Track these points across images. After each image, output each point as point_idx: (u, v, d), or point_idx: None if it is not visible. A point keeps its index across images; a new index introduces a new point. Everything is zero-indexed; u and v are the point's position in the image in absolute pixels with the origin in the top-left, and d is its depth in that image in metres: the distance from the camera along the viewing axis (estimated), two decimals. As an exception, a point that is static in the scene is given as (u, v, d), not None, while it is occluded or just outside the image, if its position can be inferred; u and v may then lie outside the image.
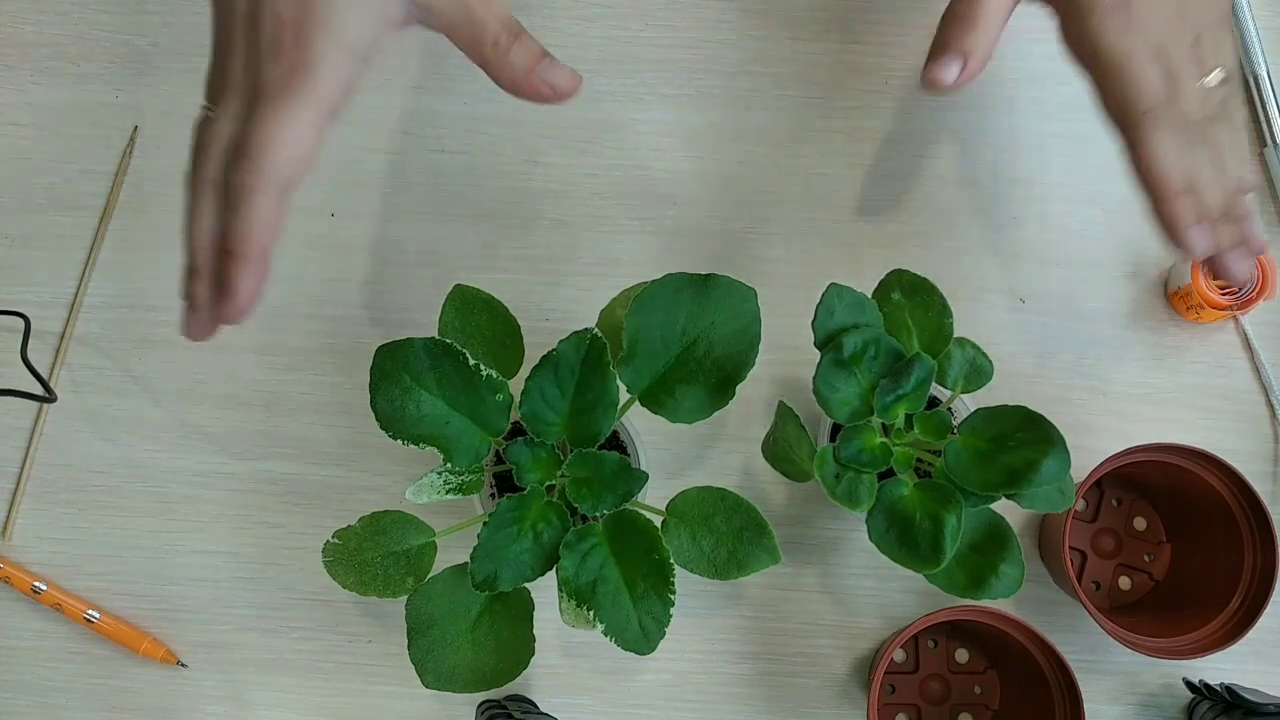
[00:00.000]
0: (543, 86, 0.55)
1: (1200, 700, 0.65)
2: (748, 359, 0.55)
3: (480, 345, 0.58)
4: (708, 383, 0.55)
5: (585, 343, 0.53)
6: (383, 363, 0.54)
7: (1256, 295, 0.66)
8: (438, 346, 0.54)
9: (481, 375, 0.54)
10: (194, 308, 0.54)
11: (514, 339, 0.59)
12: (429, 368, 0.54)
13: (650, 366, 0.55)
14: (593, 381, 0.54)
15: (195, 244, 0.52)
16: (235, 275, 0.51)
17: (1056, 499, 0.55)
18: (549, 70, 0.55)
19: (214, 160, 0.51)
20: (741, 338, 0.55)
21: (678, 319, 0.55)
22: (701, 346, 0.55)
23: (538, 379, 0.54)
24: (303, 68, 0.51)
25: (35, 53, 0.74)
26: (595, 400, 0.54)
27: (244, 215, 0.51)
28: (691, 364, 0.55)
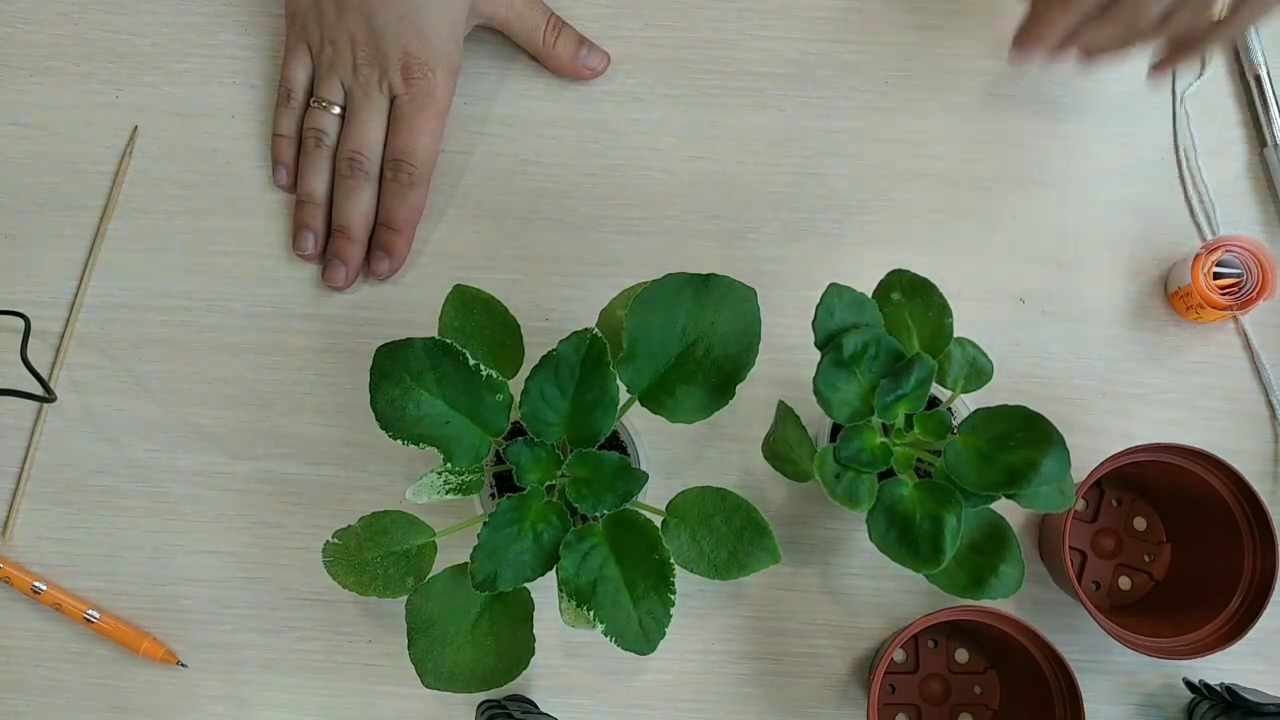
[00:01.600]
0: (584, 69, 0.72)
1: (1200, 700, 0.64)
2: (748, 359, 0.55)
3: (480, 345, 0.58)
4: (708, 383, 0.55)
5: (585, 343, 0.53)
6: (383, 363, 0.54)
7: (1256, 295, 0.66)
8: (438, 346, 0.54)
9: (481, 375, 0.54)
10: (342, 264, 0.70)
11: (514, 339, 0.59)
12: (429, 368, 0.54)
13: (650, 366, 0.55)
14: (593, 381, 0.54)
15: (351, 218, 0.69)
16: (400, 244, 0.70)
17: (1056, 499, 0.55)
18: (588, 56, 0.72)
19: (349, 145, 0.69)
20: (741, 338, 0.55)
21: (678, 319, 0.55)
22: (701, 346, 0.55)
23: (538, 379, 0.54)
24: (430, 92, 0.68)
25: (35, 53, 0.75)
26: (595, 400, 0.54)
27: (411, 202, 0.69)
28: (691, 364, 0.55)
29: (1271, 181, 0.71)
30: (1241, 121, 0.72)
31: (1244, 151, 0.71)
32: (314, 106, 0.70)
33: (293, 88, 0.71)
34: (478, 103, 0.73)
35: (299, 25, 0.70)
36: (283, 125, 0.72)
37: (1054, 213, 0.71)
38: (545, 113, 0.73)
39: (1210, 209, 0.71)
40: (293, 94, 0.71)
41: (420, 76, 0.68)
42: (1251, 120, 0.71)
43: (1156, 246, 0.71)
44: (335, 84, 0.69)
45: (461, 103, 0.72)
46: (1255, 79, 0.71)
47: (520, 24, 0.71)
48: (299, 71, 0.71)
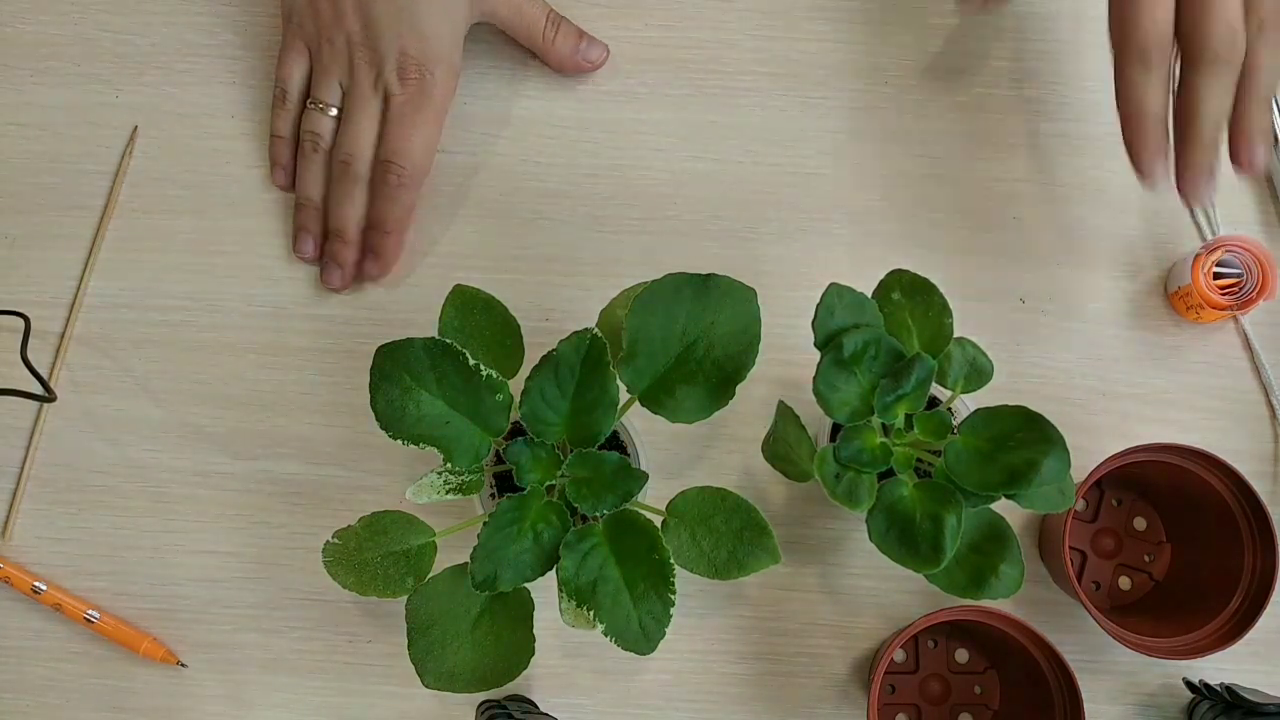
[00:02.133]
0: (584, 63, 0.72)
1: (1200, 700, 0.65)
2: (748, 359, 0.55)
3: (480, 345, 0.58)
4: (708, 383, 0.55)
5: (585, 343, 0.53)
6: (382, 363, 0.54)
7: (1256, 295, 0.66)
8: (437, 346, 0.54)
9: (481, 375, 0.54)
10: (338, 265, 0.70)
11: (514, 339, 0.59)
12: (429, 368, 0.54)
13: (650, 366, 0.55)
14: (593, 381, 0.54)
15: (345, 221, 0.69)
16: (389, 246, 0.70)
17: (1056, 499, 0.55)
18: (588, 49, 0.72)
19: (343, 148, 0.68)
20: (741, 337, 0.55)
21: (678, 319, 0.55)
22: (701, 346, 0.55)
23: (538, 379, 0.54)
24: (427, 92, 0.67)
25: (35, 53, 0.75)
26: (595, 400, 0.54)
27: (401, 203, 0.69)
28: (692, 364, 0.55)
29: (1272, 181, 0.71)
30: (1241, 121, 0.72)
31: (1244, 151, 0.71)
32: (310, 108, 0.70)
33: (288, 88, 0.71)
34: (478, 102, 0.73)
35: (295, 24, 0.70)
36: (279, 126, 0.71)
37: (1054, 213, 0.71)
38: (546, 113, 0.73)
39: (1210, 209, 0.71)
40: (288, 95, 0.71)
41: (417, 76, 0.67)
42: (1251, 120, 0.71)
43: (1156, 246, 0.71)
44: (332, 85, 0.69)
45: (461, 103, 0.72)
46: (1255, 79, 0.71)
47: (520, 20, 0.70)
48: (295, 71, 0.70)
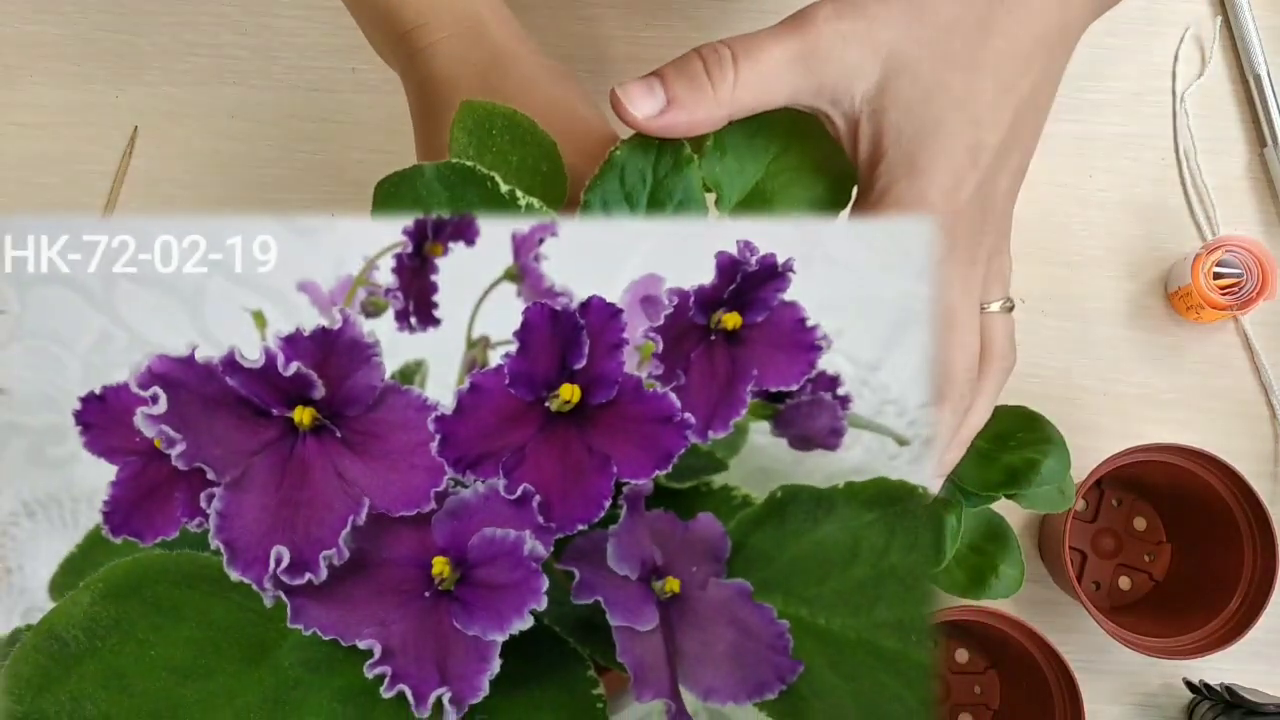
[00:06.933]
0: None
1: (1200, 700, 0.64)
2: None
3: (507, 175, 0.42)
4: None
5: (655, 142, 0.42)
6: (385, 200, 0.40)
7: (1256, 295, 0.66)
8: (456, 172, 0.40)
9: (520, 204, 0.40)
10: None
11: (551, 163, 0.44)
12: (445, 201, 0.40)
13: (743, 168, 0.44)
14: (673, 188, 0.42)
15: None
16: None
17: (1056, 499, 0.55)
18: None
19: None
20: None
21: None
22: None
23: (598, 191, 0.41)
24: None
25: (35, 53, 0.74)
26: (677, 212, 0.42)
27: None
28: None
29: (1271, 181, 0.71)
30: (1241, 121, 0.72)
31: (1244, 151, 0.71)
32: None
33: None
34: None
35: None
36: None
37: (1054, 213, 0.71)
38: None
39: (1210, 209, 0.71)
40: None
41: None
42: (1251, 120, 0.71)
43: (1156, 246, 0.71)
44: None
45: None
46: (1255, 79, 0.71)
47: None
48: None
